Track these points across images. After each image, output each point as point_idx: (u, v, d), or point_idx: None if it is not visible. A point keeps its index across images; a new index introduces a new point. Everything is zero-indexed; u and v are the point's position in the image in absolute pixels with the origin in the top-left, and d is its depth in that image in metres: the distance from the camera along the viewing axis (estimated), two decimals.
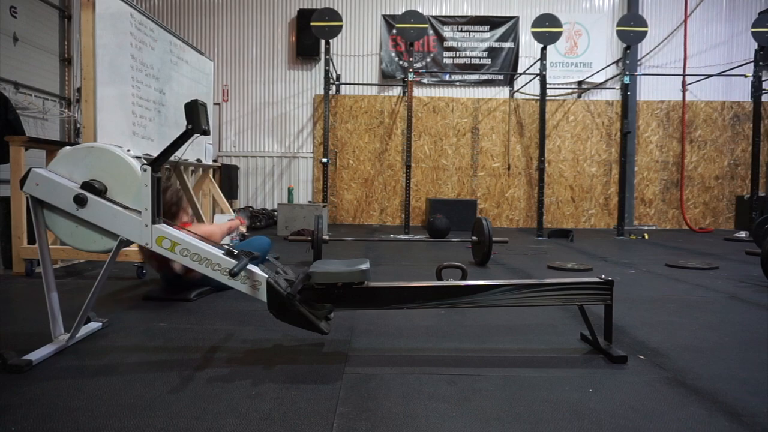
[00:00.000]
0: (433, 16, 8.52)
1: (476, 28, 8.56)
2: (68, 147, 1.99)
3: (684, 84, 8.49)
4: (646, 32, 6.53)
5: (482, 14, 8.59)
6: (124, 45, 4.19)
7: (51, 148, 3.70)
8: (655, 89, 8.64)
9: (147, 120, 4.67)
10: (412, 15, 6.63)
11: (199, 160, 6.23)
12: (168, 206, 2.77)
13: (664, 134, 8.44)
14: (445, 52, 8.59)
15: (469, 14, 8.60)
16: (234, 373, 1.78)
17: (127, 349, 2.02)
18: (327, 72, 6.94)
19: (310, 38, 8.06)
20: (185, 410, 1.49)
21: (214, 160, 7.53)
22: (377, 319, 2.50)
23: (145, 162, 1.94)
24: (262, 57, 8.71)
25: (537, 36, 6.64)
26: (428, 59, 8.60)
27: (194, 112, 1.91)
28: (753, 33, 6.69)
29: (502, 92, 8.73)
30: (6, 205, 3.61)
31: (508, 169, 8.39)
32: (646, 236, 6.87)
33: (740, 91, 8.50)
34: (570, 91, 8.68)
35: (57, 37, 7.00)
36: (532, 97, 8.36)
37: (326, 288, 1.94)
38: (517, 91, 8.61)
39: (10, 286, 3.16)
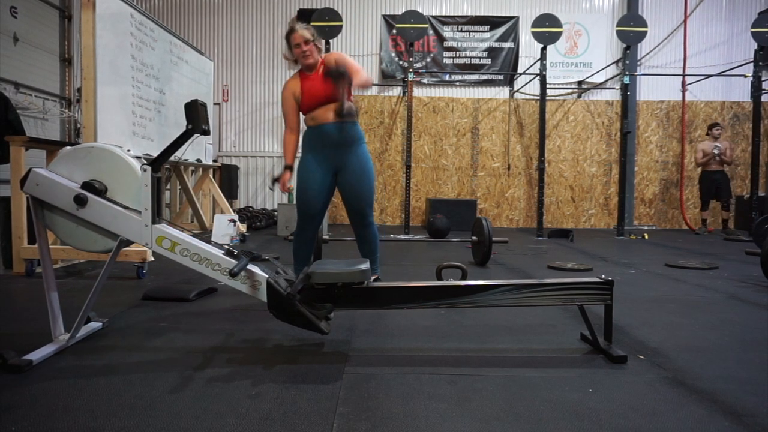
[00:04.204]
0: (433, 16, 8.51)
1: (476, 28, 8.56)
2: (68, 147, 1.99)
3: (684, 84, 8.48)
4: (645, 32, 6.53)
5: (482, 14, 8.59)
6: (124, 45, 4.19)
7: (51, 148, 3.70)
8: (654, 89, 8.63)
9: (147, 120, 4.67)
10: (412, 15, 6.63)
11: (199, 160, 6.23)
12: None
13: (664, 134, 8.44)
14: (445, 52, 8.59)
15: (469, 14, 8.59)
16: (234, 373, 1.78)
17: (127, 349, 2.02)
18: None
19: None
20: (185, 410, 1.49)
21: (214, 160, 7.54)
22: (377, 319, 2.50)
23: (145, 162, 1.94)
24: (262, 57, 8.70)
25: (537, 36, 6.63)
26: (428, 59, 8.59)
27: (194, 112, 1.92)
28: (753, 33, 6.69)
29: (502, 92, 8.72)
30: (6, 205, 3.61)
31: (508, 169, 8.39)
32: (646, 236, 6.87)
33: (740, 91, 8.50)
34: (570, 91, 8.68)
35: (57, 37, 7.00)
36: (532, 97, 8.35)
37: (326, 288, 1.94)
38: (517, 91, 8.60)
39: (10, 286, 3.16)
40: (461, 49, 8.57)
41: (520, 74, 8.29)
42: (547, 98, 6.95)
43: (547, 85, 6.92)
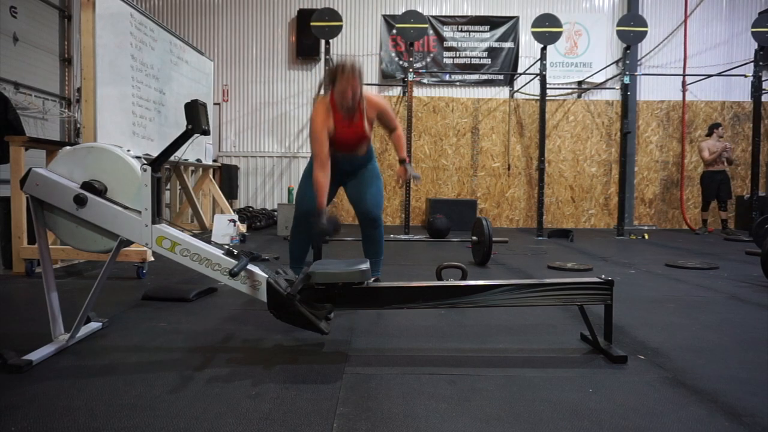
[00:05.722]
0: (433, 16, 8.51)
1: (476, 28, 8.56)
2: (68, 147, 1.99)
3: (684, 84, 8.48)
4: (646, 32, 6.53)
5: (482, 14, 8.59)
6: (124, 45, 4.19)
7: (51, 148, 3.69)
8: (655, 89, 8.64)
9: (147, 120, 4.67)
10: (412, 15, 6.63)
11: (199, 160, 6.23)
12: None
13: (664, 134, 8.43)
14: (445, 52, 8.59)
15: (469, 14, 8.59)
16: (234, 373, 1.78)
17: (127, 349, 2.02)
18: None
19: (310, 38, 8.06)
20: (185, 410, 1.49)
21: (214, 160, 7.54)
22: (377, 319, 2.50)
23: (145, 162, 1.94)
24: (262, 57, 8.70)
25: (537, 36, 6.63)
26: (428, 59, 8.59)
27: (194, 112, 1.91)
28: (753, 33, 6.69)
29: (502, 92, 8.72)
30: (6, 205, 3.61)
31: (508, 169, 8.39)
32: (646, 236, 6.87)
33: (740, 91, 8.50)
34: (570, 91, 8.68)
35: (57, 37, 7.00)
36: (532, 97, 8.35)
37: (326, 288, 1.94)
38: (517, 91, 8.60)
39: (10, 286, 3.16)
40: (461, 49, 8.57)
41: (520, 74, 8.30)
42: (547, 98, 6.95)
43: (547, 85, 6.92)
